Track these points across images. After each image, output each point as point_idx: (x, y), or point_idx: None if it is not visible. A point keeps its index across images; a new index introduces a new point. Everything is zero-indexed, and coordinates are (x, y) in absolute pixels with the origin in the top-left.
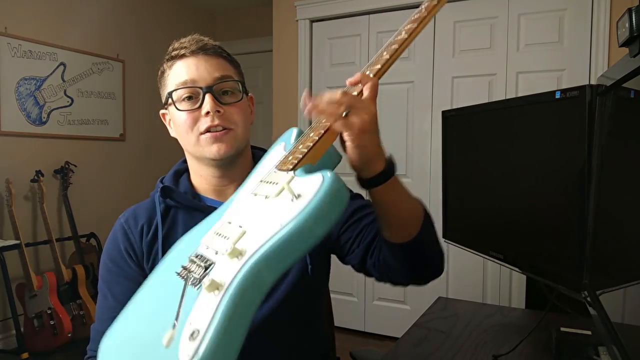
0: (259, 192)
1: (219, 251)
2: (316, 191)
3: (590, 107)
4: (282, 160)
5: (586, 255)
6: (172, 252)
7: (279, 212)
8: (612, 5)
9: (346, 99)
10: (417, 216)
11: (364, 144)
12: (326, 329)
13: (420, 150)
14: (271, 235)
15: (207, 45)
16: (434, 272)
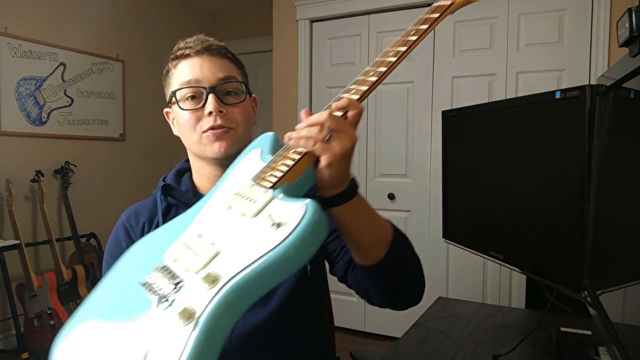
0: (234, 207)
1: (189, 269)
2: (298, 223)
3: (590, 107)
4: (259, 174)
5: (586, 255)
6: (134, 254)
7: (257, 238)
8: (612, 5)
9: (330, 122)
10: (383, 239)
11: (339, 168)
12: (326, 330)
13: (420, 150)
14: (248, 264)
15: (212, 46)
16: (407, 298)
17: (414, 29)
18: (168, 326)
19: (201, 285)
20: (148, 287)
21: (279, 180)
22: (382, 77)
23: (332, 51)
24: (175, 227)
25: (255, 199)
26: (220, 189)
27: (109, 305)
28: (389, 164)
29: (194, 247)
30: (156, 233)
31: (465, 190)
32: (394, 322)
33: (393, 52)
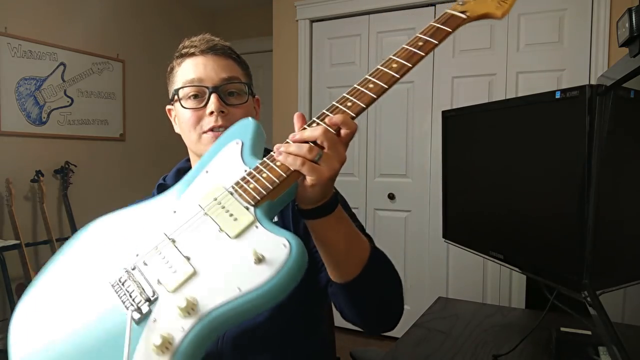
0: (212, 216)
1: (163, 283)
2: (282, 266)
3: (590, 107)
4: (241, 182)
5: (586, 256)
6: (102, 234)
7: (237, 269)
8: (612, 5)
9: (322, 139)
10: (359, 257)
11: (323, 189)
12: (326, 330)
13: (420, 150)
14: (227, 300)
15: (217, 46)
16: (378, 322)
17: (423, 42)
18: (148, 350)
19: (177, 312)
20: (118, 292)
21: (262, 199)
22: (382, 93)
23: (332, 51)
24: (148, 217)
25: (235, 216)
26: (197, 182)
27: (71, 298)
28: (389, 164)
29: (167, 256)
30: (127, 216)
31: (465, 190)
32: None
33: (398, 65)
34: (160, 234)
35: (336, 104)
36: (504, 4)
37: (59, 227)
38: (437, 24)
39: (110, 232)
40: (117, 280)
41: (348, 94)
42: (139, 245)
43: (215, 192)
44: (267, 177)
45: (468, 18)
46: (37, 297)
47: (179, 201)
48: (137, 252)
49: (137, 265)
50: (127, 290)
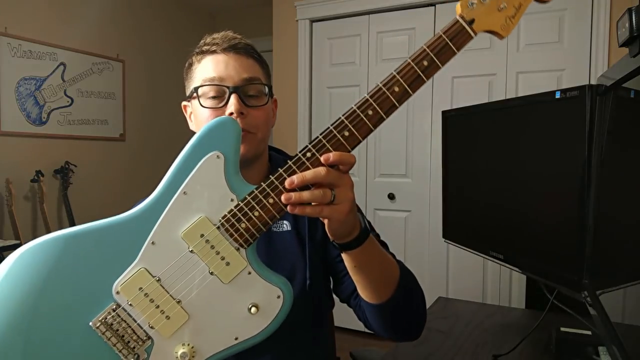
0: (201, 256)
1: (157, 329)
2: (276, 314)
3: (591, 107)
4: (230, 219)
5: (586, 255)
6: (68, 257)
7: (233, 318)
8: (612, 5)
9: (330, 180)
10: (392, 279)
11: (350, 221)
12: (328, 331)
13: (420, 150)
14: (226, 347)
15: (239, 44)
16: (406, 335)
17: (428, 62)
18: None
19: (176, 358)
20: (105, 334)
21: (255, 241)
22: (379, 124)
23: (332, 51)
24: (122, 242)
25: (227, 260)
26: (175, 206)
27: (50, 340)
28: (389, 164)
29: (156, 299)
30: (93, 237)
31: (465, 190)
32: None
33: (400, 91)
34: (141, 270)
35: (334, 130)
36: (510, 23)
37: (59, 227)
38: (447, 37)
39: (76, 257)
40: (101, 321)
41: (346, 119)
42: (115, 279)
43: (202, 227)
44: (261, 218)
45: (474, 36)
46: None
47: (156, 229)
48: (116, 287)
49: (122, 305)
50: (118, 334)
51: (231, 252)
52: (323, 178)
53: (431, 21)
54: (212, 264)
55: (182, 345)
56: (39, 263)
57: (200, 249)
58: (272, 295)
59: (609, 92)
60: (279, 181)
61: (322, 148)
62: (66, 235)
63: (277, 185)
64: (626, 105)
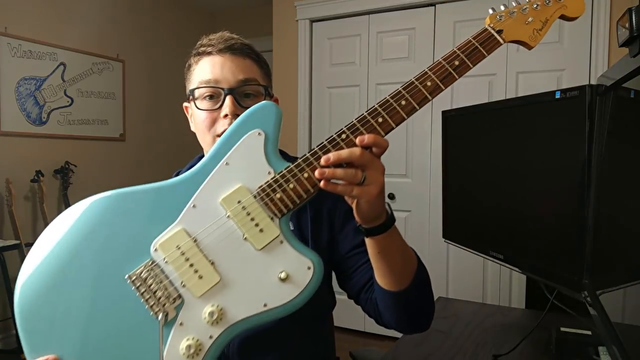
0: (236, 221)
1: (187, 286)
2: (306, 285)
3: (590, 107)
4: (267, 189)
5: (586, 255)
6: (109, 218)
7: (262, 285)
8: (612, 5)
9: (363, 161)
10: (411, 267)
11: (378, 204)
12: (328, 331)
13: (420, 150)
14: (255, 313)
15: (236, 45)
16: (416, 326)
17: (460, 62)
18: (176, 354)
19: (206, 319)
20: (139, 288)
21: (289, 211)
22: (412, 113)
23: (332, 51)
24: (164, 204)
25: (261, 226)
26: (217, 174)
27: (86, 288)
28: (389, 163)
29: (191, 258)
30: (137, 197)
31: (465, 190)
32: None
33: (432, 85)
34: (180, 230)
35: (368, 116)
36: (538, 34)
37: None
38: (477, 42)
39: (123, 212)
40: (137, 275)
41: (380, 107)
42: (155, 237)
43: (239, 195)
44: (295, 190)
45: (503, 42)
46: (45, 265)
47: (197, 194)
48: (154, 245)
49: (157, 261)
50: (151, 289)
51: (265, 220)
52: (357, 158)
53: (431, 21)
54: (246, 230)
55: (211, 306)
56: (85, 218)
57: (237, 214)
58: (303, 266)
59: (609, 92)
60: (314, 158)
61: (357, 131)
62: (116, 193)
63: (312, 161)
64: (626, 105)
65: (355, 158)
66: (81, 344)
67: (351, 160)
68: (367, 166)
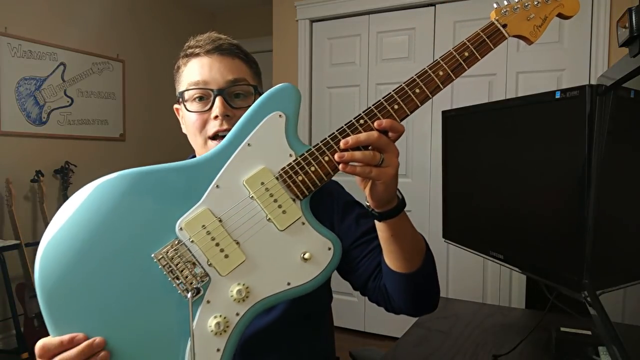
0: (260, 202)
1: (213, 264)
2: (326, 266)
3: (590, 107)
4: (288, 171)
5: (586, 255)
6: (135, 198)
7: (285, 264)
8: (612, 5)
9: (380, 144)
10: (421, 248)
11: (393, 187)
12: (328, 331)
13: (420, 150)
14: (278, 292)
15: (224, 45)
16: (426, 306)
17: (469, 53)
18: (204, 331)
19: (233, 297)
20: (165, 267)
21: (310, 194)
22: (425, 101)
23: (332, 51)
24: (188, 184)
25: (284, 208)
26: (239, 155)
27: (110, 265)
28: None
29: (217, 237)
30: (161, 176)
31: (465, 190)
32: (394, 322)
33: (444, 74)
34: (205, 210)
35: (384, 102)
36: (538, 31)
37: None
38: (484, 35)
39: (146, 191)
40: (163, 254)
41: (396, 94)
42: (179, 216)
43: (262, 176)
44: (316, 173)
45: (507, 37)
46: (70, 238)
47: (221, 174)
48: (180, 224)
49: (183, 241)
50: (177, 268)
51: (288, 201)
52: (375, 140)
53: (431, 21)
54: (269, 211)
55: (237, 284)
56: (107, 195)
57: (260, 195)
58: (324, 247)
59: (609, 92)
60: (334, 142)
61: (374, 117)
62: (140, 170)
63: (332, 145)
64: (626, 105)
65: (373, 140)
66: (107, 322)
67: (369, 143)
68: (384, 149)
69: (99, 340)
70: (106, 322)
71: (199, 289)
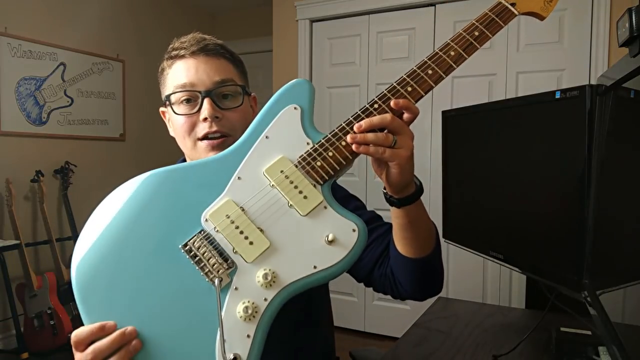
0: (280, 189)
1: (239, 252)
2: (353, 246)
3: (590, 107)
4: (307, 158)
5: (586, 255)
6: (159, 193)
7: (310, 248)
8: (612, 5)
9: (394, 125)
10: (434, 233)
11: (409, 170)
12: (328, 330)
13: (420, 150)
14: (305, 275)
15: (209, 46)
16: (434, 289)
17: (479, 32)
18: (233, 317)
19: (260, 282)
20: (193, 256)
21: (329, 178)
22: (439, 82)
23: (332, 51)
24: (210, 178)
25: (305, 193)
26: (258, 147)
27: (141, 257)
28: None
29: (240, 225)
30: (184, 173)
31: (465, 190)
32: (393, 322)
33: (455, 54)
34: (228, 200)
35: (397, 86)
36: (549, 5)
37: (59, 227)
38: (493, 14)
39: (172, 188)
40: (190, 244)
41: (408, 77)
42: (205, 208)
43: (282, 165)
44: (334, 157)
45: (517, 14)
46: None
47: (241, 167)
48: (205, 216)
49: (208, 231)
50: (204, 257)
51: (308, 187)
52: (389, 123)
53: (431, 21)
54: (290, 197)
55: (263, 270)
56: (138, 192)
57: (280, 182)
58: (348, 229)
59: (609, 92)
60: (350, 127)
61: (388, 100)
62: (166, 169)
63: (348, 130)
64: (626, 105)
65: (386, 123)
66: (138, 312)
67: (383, 125)
68: (397, 131)
69: (130, 329)
70: (137, 313)
71: (225, 277)
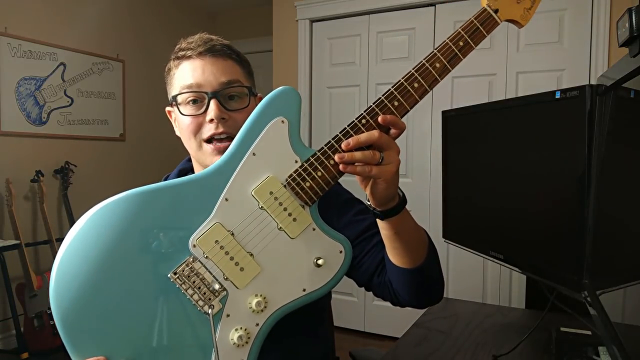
0: (270, 211)
1: (231, 279)
2: (339, 268)
3: (590, 107)
4: (295, 178)
5: (586, 255)
6: (145, 216)
7: (300, 271)
8: (612, 5)
9: (382, 142)
10: (424, 243)
11: (394, 184)
12: (328, 330)
13: (420, 150)
14: (294, 299)
15: (216, 47)
16: (433, 298)
17: (464, 42)
18: (227, 345)
19: (251, 308)
20: (182, 285)
21: (318, 198)
22: (424, 96)
23: (332, 51)
24: (196, 200)
25: (294, 215)
26: (245, 166)
27: (127, 287)
28: None
29: (230, 251)
30: (167, 193)
31: (465, 190)
32: (394, 322)
33: (440, 66)
34: (216, 224)
35: (385, 100)
36: (528, 14)
37: (59, 227)
38: (478, 22)
39: (155, 210)
40: (179, 272)
41: (395, 90)
42: (191, 232)
43: (270, 185)
44: (323, 177)
45: (500, 22)
46: (83, 261)
47: (229, 187)
48: (193, 241)
49: (198, 257)
50: (194, 286)
51: (298, 209)
52: (376, 140)
53: (431, 21)
54: (280, 220)
55: (255, 296)
56: (117, 217)
57: (270, 205)
58: (335, 250)
59: (609, 92)
60: (338, 144)
61: (376, 115)
62: (144, 190)
63: (337, 148)
64: (626, 105)
65: (374, 140)
66: (129, 343)
67: (370, 142)
68: (384, 147)
69: None
70: (128, 344)
71: (217, 304)
